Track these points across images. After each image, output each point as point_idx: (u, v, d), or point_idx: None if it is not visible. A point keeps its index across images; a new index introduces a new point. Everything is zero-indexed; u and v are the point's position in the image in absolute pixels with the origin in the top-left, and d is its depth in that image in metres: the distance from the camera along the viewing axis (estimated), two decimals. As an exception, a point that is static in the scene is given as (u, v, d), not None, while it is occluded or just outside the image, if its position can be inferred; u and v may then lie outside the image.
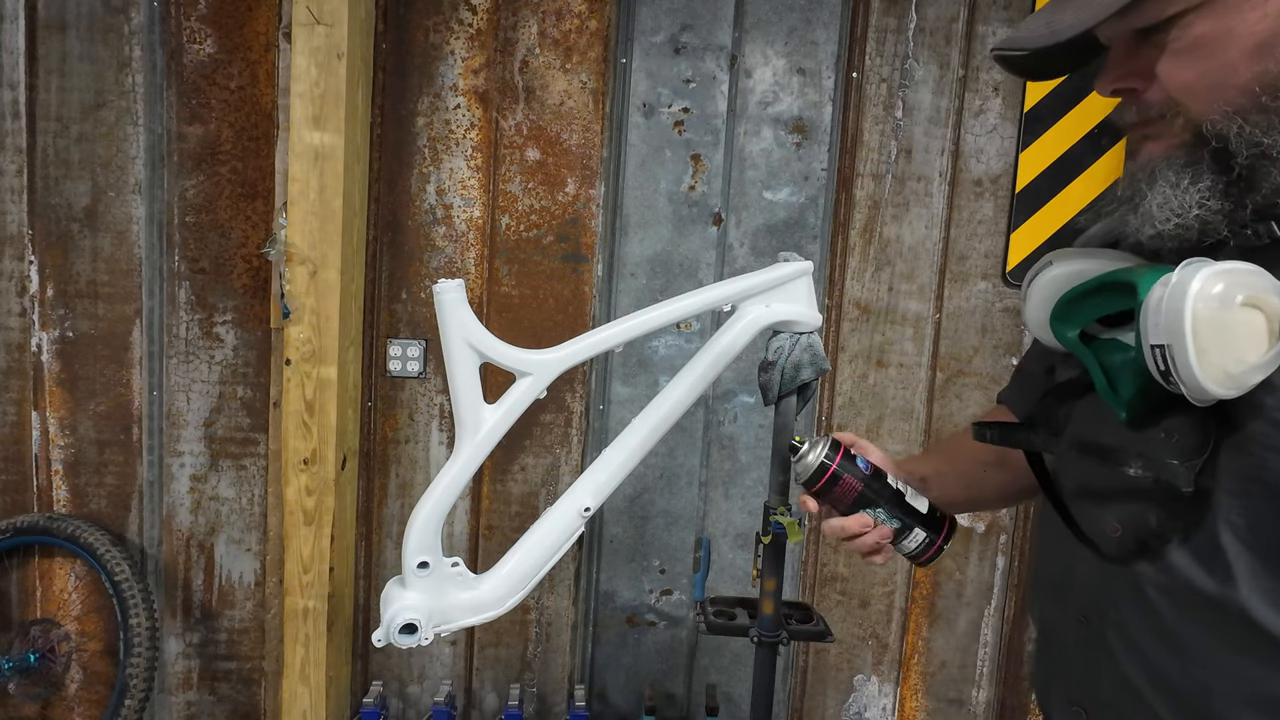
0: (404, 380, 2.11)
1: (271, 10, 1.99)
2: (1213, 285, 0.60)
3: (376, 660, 2.17)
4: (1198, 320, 0.60)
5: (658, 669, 2.18)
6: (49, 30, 1.99)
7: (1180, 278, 0.61)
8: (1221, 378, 0.61)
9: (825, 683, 2.20)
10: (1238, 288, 0.61)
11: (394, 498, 2.14)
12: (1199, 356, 0.60)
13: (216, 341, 2.08)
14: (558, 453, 2.12)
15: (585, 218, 2.07)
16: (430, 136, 2.04)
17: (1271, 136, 0.62)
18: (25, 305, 2.05)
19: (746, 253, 2.08)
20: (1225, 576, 0.64)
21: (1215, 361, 0.60)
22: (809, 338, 1.17)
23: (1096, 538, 0.73)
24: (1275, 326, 0.61)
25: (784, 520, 1.19)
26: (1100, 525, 0.73)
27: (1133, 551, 0.70)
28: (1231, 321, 0.60)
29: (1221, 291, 0.60)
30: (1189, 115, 0.66)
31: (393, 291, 2.08)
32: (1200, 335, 0.60)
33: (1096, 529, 0.73)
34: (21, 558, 2.13)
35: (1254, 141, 0.62)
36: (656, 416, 1.08)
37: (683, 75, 2.04)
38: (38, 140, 2.01)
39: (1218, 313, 0.60)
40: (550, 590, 2.16)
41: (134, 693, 1.99)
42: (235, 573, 2.15)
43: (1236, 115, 0.63)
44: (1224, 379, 0.61)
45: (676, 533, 2.14)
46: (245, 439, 2.11)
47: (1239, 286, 0.61)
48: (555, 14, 2.02)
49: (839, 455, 0.95)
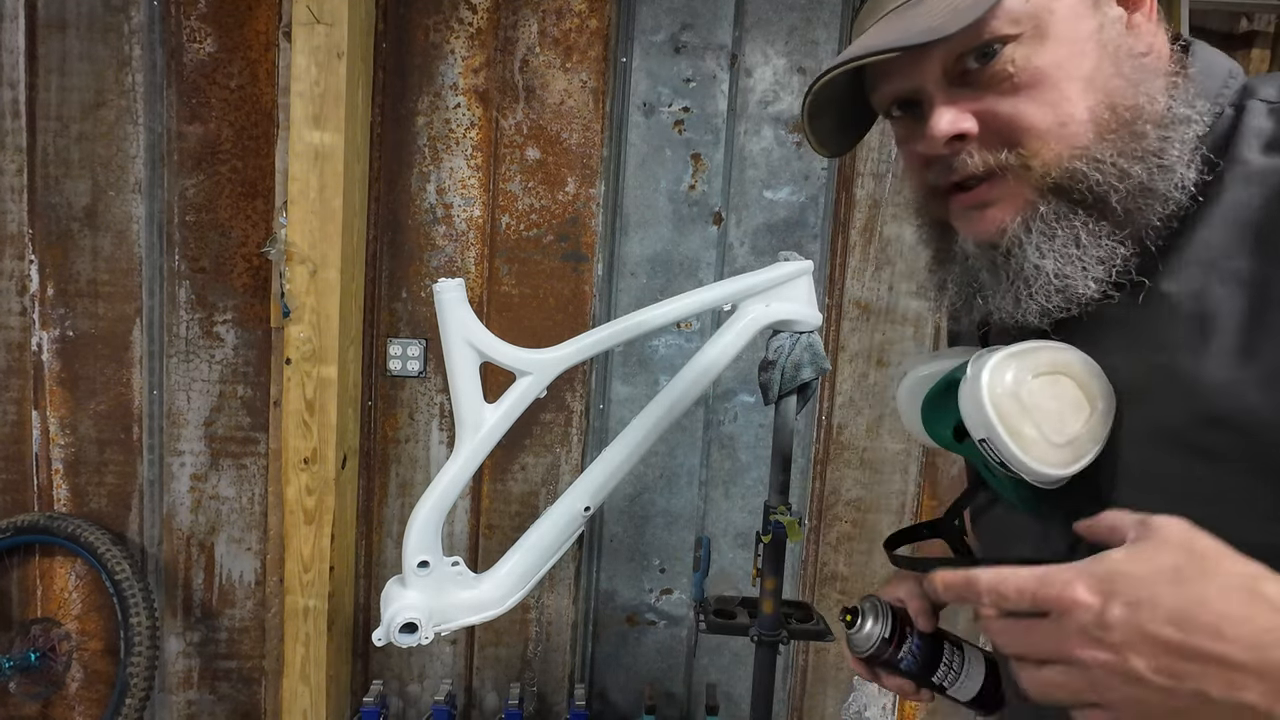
0: (404, 379, 2.11)
1: (271, 9, 1.99)
2: (1004, 370, 0.60)
3: (377, 659, 2.18)
4: (999, 407, 0.59)
5: (658, 668, 2.18)
6: (49, 29, 1.99)
7: (973, 372, 0.61)
8: (1049, 454, 0.59)
9: (825, 682, 2.20)
10: (1029, 365, 0.60)
11: (394, 497, 2.14)
12: (1015, 440, 0.59)
13: (217, 341, 2.08)
14: (558, 452, 2.13)
15: (585, 217, 2.07)
16: (430, 136, 2.04)
17: (1136, 167, 0.57)
18: (25, 304, 2.05)
19: (747, 252, 2.08)
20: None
21: (1034, 440, 0.59)
22: (809, 337, 1.17)
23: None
24: (1088, 388, 0.60)
25: (784, 520, 1.19)
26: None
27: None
28: (1035, 398, 0.59)
29: (1014, 373, 0.60)
30: (1043, 160, 0.59)
31: (393, 291, 2.08)
32: (1008, 420, 0.59)
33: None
34: (22, 557, 2.13)
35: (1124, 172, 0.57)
36: (656, 416, 1.08)
37: (683, 74, 2.04)
38: (38, 139, 2.01)
39: (1017, 394, 0.59)
40: (550, 589, 2.16)
41: (134, 692, 1.99)
42: (236, 572, 2.15)
43: (1089, 153, 0.58)
44: (1052, 454, 0.59)
45: (676, 532, 2.14)
46: (245, 438, 2.11)
47: (1031, 363, 0.60)
48: (555, 13, 2.02)
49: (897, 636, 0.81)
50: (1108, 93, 0.58)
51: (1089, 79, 0.57)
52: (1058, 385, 0.59)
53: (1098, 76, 0.57)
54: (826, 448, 2.13)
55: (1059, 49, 0.57)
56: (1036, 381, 0.59)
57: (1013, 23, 0.57)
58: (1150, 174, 0.57)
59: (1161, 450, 0.57)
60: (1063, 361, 0.60)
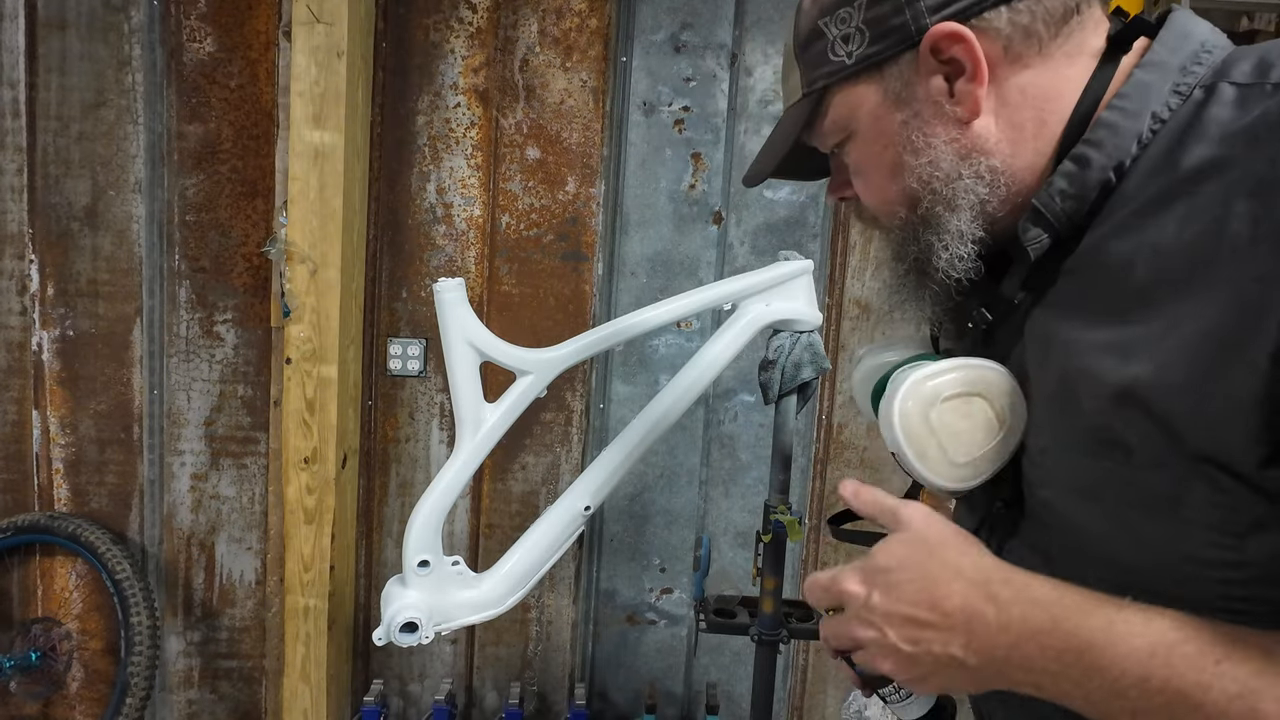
0: (404, 379, 2.11)
1: (271, 9, 1.99)
2: (916, 392, 0.62)
3: (377, 659, 2.18)
4: (907, 428, 0.62)
5: (658, 667, 2.18)
6: (49, 29, 1.98)
7: (889, 391, 0.64)
8: (949, 472, 0.63)
9: (825, 681, 2.20)
10: (944, 386, 0.62)
11: (394, 496, 2.14)
12: (920, 460, 0.63)
13: (217, 340, 2.08)
14: (558, 451, 2.13)
15: (585, 216, 2.07)
16: (430, 135, 2.04)
17: (928, 237, 0.64)
18: (26, 304, 2.05)
19: (747, 251, 2.08)
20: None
21: (937, 460, 0.63)
22: (809, 336, 1.17)
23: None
24: (998, 409, 0.62)
25: (784, 519, 1.19)
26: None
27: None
28: (945, 419, 0.62)
29: (927, 395, 0.62)
30: (884, 226, 0.69)
31: (393, 290, 2.08)
32: (914, 441, 0.62)
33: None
34: (22, 556, 2.13)
35: (926, 242, 0.64)
36: (656, 415, 1.08)
37: (683, 74, 2.04)
38: (38, 139, 2.01)
39: (926, 416, 0.62)
40: (551, 589, 2.16)
41: (135, 691, 1.99)
42: (236, 571, 2.15)
43: (909, 226, 0.65)
44: (952, 472, 0.63)
45: (677, 531, 2.14)
46: (246, 438, 2.11)
47: (948, 383, 0.62)
48: (555, 12, 2.01)
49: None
50: (916, 175, 0.62)
51: (895, 166, 0.64)
52: (970, 405, 0.62)
53: (905, 164, 0.63)
54: (827, 447, 2.13)
55: (870, 146, 0.65)
56: (948, 404, 0.62)
57: (830, 134, 0.67)
58: (953, 247, 0.63)
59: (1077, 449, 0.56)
60: (980, 381, 0.62)
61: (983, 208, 0.61)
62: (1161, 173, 0.53)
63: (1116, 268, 0.54)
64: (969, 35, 0.57)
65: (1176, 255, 0.50)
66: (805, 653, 2.19)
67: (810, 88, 0.66)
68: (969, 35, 0.57)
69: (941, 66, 0.60)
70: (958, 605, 0.53)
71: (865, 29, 0.61)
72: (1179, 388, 0.48)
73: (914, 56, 0.60)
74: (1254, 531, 0.48)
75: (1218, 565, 0.49)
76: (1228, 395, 0.46)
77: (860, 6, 0.61)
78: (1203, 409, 0.47)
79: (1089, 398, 0.54)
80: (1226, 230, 0.47)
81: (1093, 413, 0.54)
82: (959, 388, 0.62)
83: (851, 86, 0.64)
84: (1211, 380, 0.47)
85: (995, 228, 0.62)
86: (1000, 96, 0.60)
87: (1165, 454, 0.50)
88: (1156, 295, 0.50)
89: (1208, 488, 0.48)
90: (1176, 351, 0.48)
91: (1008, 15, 0.57)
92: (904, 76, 0.61)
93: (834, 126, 0.67)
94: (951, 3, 0.58)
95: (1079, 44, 0.59)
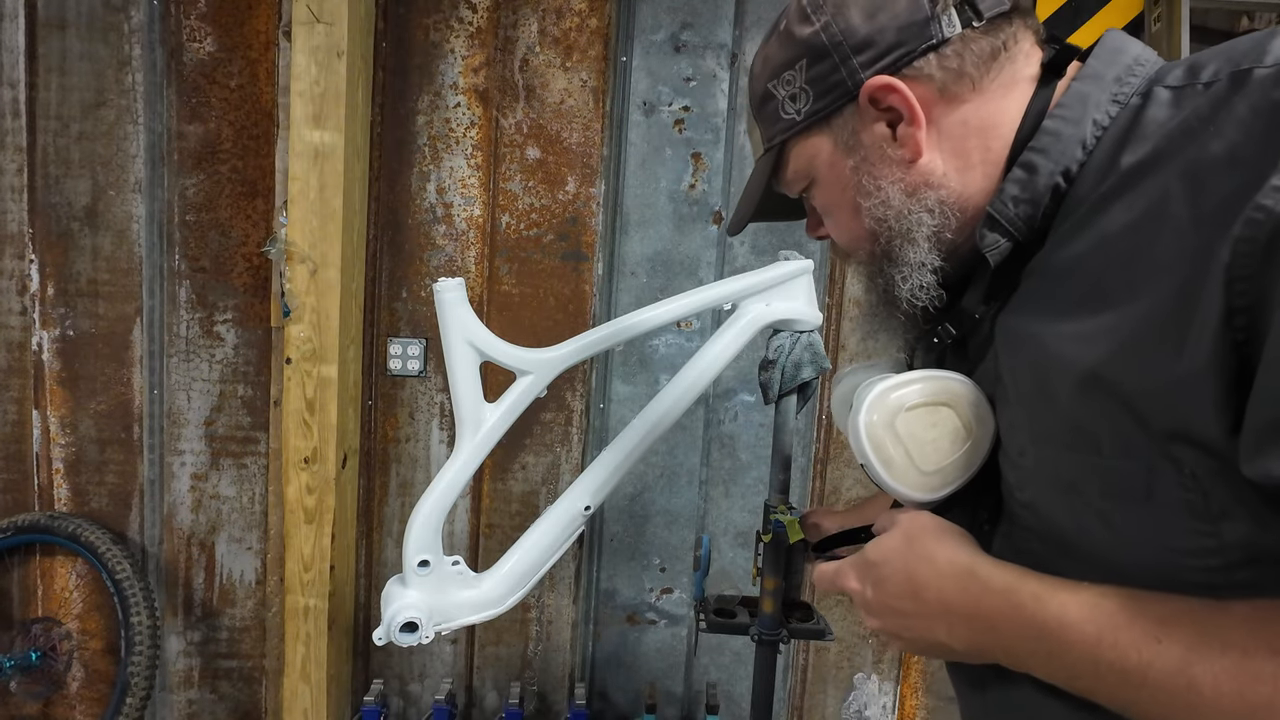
0: (404, 379, 2.11)
1: (271, 8, 1.99)
2: (881, 402, 0.64)
3: (377, 658, 2.18)
4: (873, 437, 0.64)
5: (658, 667, 2.18)
6: (49, 28, 1.98)
7: (855, 402, 0.66)
8: (917, 481, 0.65)
9: (825, 681, 2.20)
10: (909, 396, 0.64)
11: (394, 496, 2.14)
12: (886, 469, 0.65)
13: (217, 340, 2.08)
14: (558, 451, 2.13)
15: (585, 216, 2.07)
16: (430, 135, 2.04)
17: (889, 270, 0.68)
18: (26, 304, 2.05)
19: (747, 251, 2.08)
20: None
21: (903, 469, 0.65)
22: (809, 336, 1.17)
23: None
24: (965, 418, 0.63)
25: (784, 519, 1.19)
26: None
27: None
28: (911, 428, 0.64)
29: (892, 404, 0.64)
30: (856, 261, 0.74)
31: (393, 290, 2.08)
32: (880, 450, 0.64)
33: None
34: (23, 556, 2.13)
35: (889, 275, 0.68)
36: (657, 415, 1.08)
37: (683, 73, 2.04)
38: (38, 139, 2.01)
39: (892, 424, 0.64)
40: (551, 588, 2.16)
41: (135, 691, 1.99)
42: (236, 571, 2.15)
43: (871, 258, 0.70)
44: (920, 481, 0.65)
45: (677, 531, 2.14)
46: (246, 437, 2.11)
47: (914, 392, 0.64)
48: (555, 12, 2.01)
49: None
50: (870, 215, 0.67)
51: (854, 208, 0.68)
52: (937, 415, 0.64)
53: (861, 204, 0.67)
54: (827, 447, 2.13)
55: (830, 191, 0.71)
56: (913, 413, 0.64)
57: (795, 182, 0.73)
58: (913, 277, 0.66)
59: (1055, 442, 0.57)
60: (948, 392, 0.64)
61: (938, 237, 0.65)
62: (1108, 173, 0.56)
63: (1074, 263, 0.56)
64: (900, 86, 0.62)
65: (1124, 241, 0.52)
66: (805, 653, 2.19)
67: (770, 143, 0.73)
68: (900, 86, 0.62)
69: (882, 114, 0.64)
70: (934, 596, 0.59)
71: (809, 88, 0.67)
72: (1138, 366, 0.50)
73: (855, 108, 0.65)
74: (1225, 517, 0.49)
75: (1198, 553, 0.51)
76: (1186, 366, 0.47)
77: (801, 69, 0.67)
78: (1163, 384, 0.49)
79: (1061, 388, 0.55)
80: (1167, 212, 0.49)
81: (1065, 402, 0.55)
82: (924, 398, 0.64)
83: (806, 139, 0.70)
84: (1167, 353, 0.48)
85: (958, 253, 0.66)
86: (942, 132, 0.64)
87: (1134, 441, 0.51)
88: (1110, 282, 0.53)
89: (1176, 472, 0.50)
90: (1132, 331, 0.50)
91: (937, 61, 0.62)
92: (850, 126, 0.66)
93: (796, 175, 0.73)
94: (882, 57, 0.63)
95: (1012, 75, 0.63)
